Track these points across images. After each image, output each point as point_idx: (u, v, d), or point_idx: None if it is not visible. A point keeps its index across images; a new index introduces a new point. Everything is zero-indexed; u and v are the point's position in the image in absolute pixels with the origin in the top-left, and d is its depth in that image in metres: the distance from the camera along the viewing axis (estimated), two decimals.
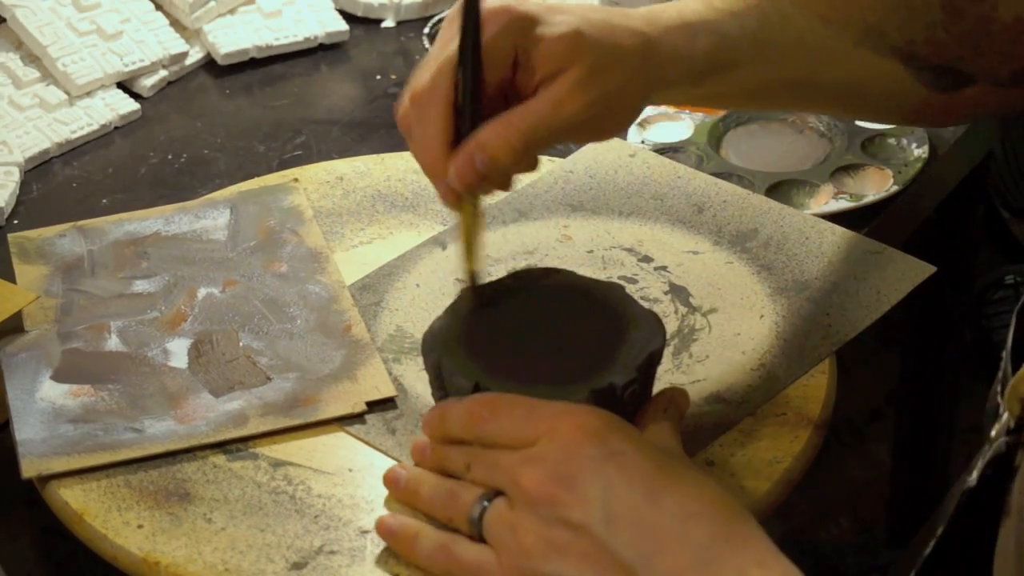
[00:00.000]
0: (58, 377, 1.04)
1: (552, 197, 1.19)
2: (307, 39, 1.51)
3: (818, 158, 1.31)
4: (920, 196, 1.31)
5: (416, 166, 1.20)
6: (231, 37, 1.50)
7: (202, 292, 1.11)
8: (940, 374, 1.66)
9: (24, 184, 1.33)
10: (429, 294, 1.11)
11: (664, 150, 1.29)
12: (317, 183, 1.23)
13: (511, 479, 0.86)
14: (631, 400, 0.92)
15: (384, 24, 1.56)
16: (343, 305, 1.09)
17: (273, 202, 1.20)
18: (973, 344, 1.37)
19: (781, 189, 1.26)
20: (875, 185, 1.27)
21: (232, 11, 1.53)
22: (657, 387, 1.01)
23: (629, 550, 0.83)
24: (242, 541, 0.92)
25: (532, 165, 0.95)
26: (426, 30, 1.38)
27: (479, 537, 0.87)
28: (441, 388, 0.95)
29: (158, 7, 1.50)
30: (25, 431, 0.99)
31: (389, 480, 0.93)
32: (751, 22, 1.00)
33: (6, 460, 0.98)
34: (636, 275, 1.12)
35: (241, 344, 1.06)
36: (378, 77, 1.48)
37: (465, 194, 0.93)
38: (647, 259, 1.13)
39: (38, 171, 1.35)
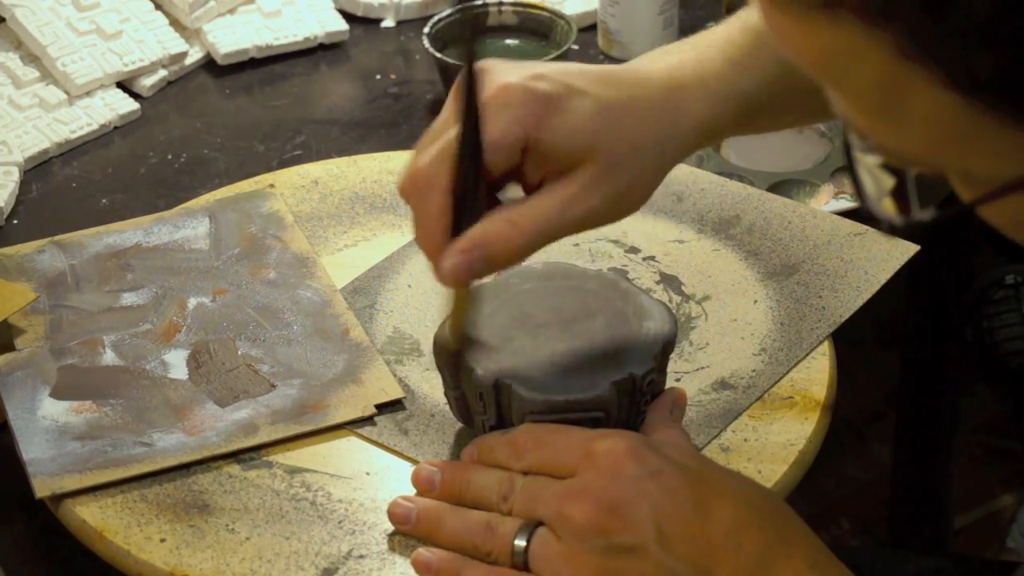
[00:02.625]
0: (57, 394, 1.03)
1: None
2: (307, 39, 1.51)
3: (818, 158, 1.32)
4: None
5: (391, 167, 1.21)
6: (231, 37, 1.49)
7: (192, 302, 1.10)
8: (940, 374, 1.67)
9: (23, 184, 1.32)
10: (422, 294, 1.10)
11: None
12: (292, 188, 1.22)
13: (556, 511, 0.86)
14: (649, 389, 0.93)
15: (384, 24, 1.55)
16: (337, 309, 1.09)
17: (252, 208, 1.19)
18: (973, 344, 1.38)
19: (781, 189, 1.27)
20: None
21: (232, 11, 1.52)
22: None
23: (686, 565, 0.83)
24: (269, 550, 0.91)
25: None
26: (426, 30, 1.37)
27: (523, 568, 0.87)
28: (457, 387, 0.95)
29: (158, 7, 1.49)
30: (32, 450, 0.98)
31: (396, 516, 0.91)
32: (770, 72, 0.93)
33: (6, 460, 0.97)
34: (625, 266, 1.12)
35: (240, 353, 1.06)
36: (378, 77, 1.47)
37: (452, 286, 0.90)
38: (634, 250, 1.14)
39: (38, 171, 1.35)
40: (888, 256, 1.11)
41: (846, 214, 1.17)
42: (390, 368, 1.04)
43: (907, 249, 1.12)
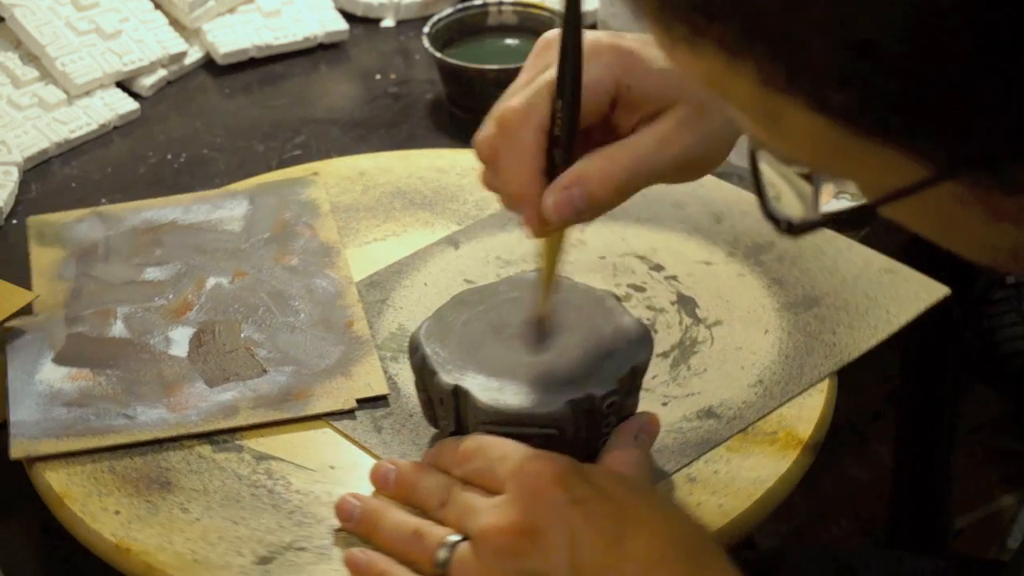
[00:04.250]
0: (60, 360, 1.05)
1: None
2: (307, 39, 1.51)
3: None
4: None
5: (440, 164, 1.21)
6: (230, 36, 1.49)
7: (211, 282, 1.12)
8: (940, 374, 1.65)
9: (23, 184, 1.32)
10: (436, 294, 1.10)
11: None
12: (338, 177, 1.23)
13: (478, 526, 0.85)
14: (611, 412, 0.91)
15: (384, 24, 1.56)
16: (348, 301, 1.09)
17: (291, 194, 1.20)
18: (973, 344, 1.35)
19: None
20: None
21: (231, 10, 1.52)
22: (650, 398, 1.00)
23: None
24: (214, 532, 0.92)
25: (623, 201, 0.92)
26: (426, 30, 1.37)
27: None
28: (424, 390, 0.95)
29: (157, 6, 1.49)
30: (19, 412, 1.00)
31: (342, 512, 0.92)
32: None
33: (6, 460, 0.99)
34: (645, 283, 1.10)
35: (243, 336, 1.06)
36: (378, 77, 1.47)
37: (555, 225, 0.90)
38: (658, 267, 1.12)
39: (37, 171, 1.34)
40: (915, 296, 1.08)
41: (851, 217, 1.14)
42: (384, 364, 1.04)
43: (936, 291, 1.08)
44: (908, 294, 1.08)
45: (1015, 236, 0.63)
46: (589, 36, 0.89)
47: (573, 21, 0.85)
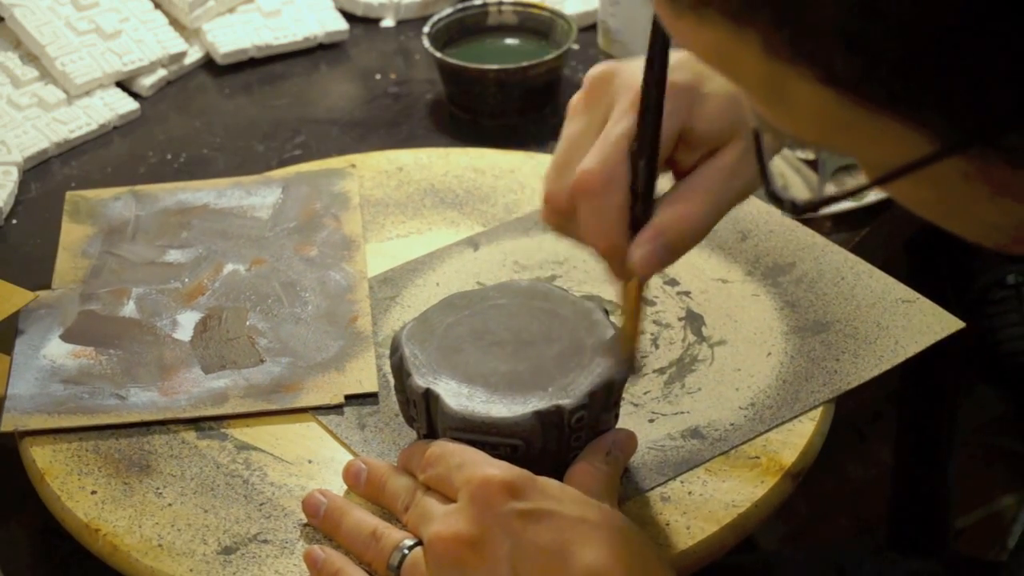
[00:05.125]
0: (67, 337, 1.07)
1: None
2: (306, 39, 1.51)
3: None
4: None
5: (479, 164, 1.21)
6: (230, 36, 1.49)
7: (228, 268, 1.13)
8: (940, 374, 1.63)
9: (23, 184, 1.32)
10: (446, 294, 1.09)
11: None
12: (375, 171, 1.23)
13: (429, 533, 0.85)
14: (581, 426, 0.91)
15: (384, 24, 1.55)
16: (357, 296, 1.10)
17: (325, 185, 1.21)
18: (973, 344, 1.33)
19: None
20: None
21: (231, 10, 1.53)
22: (639, 413, 0.99)
23: None
24: (183, 519, 0.93)
25: None
26: (426, 30, 1.37)
27: None
28: (401, 390, 0.95)
29: (157, 6, 1.50)
30: (18, 386, 1.02)
31: (308, 507, 0.92)
32: None
33: (6, 460, 1.01)
34: (656, 297, 1.09)
35: (248, 324, 1.07)
36: (378, 77, 1.47)
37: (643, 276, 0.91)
38: (673, 282, 1.11)
39: (37, 171, 1.34)
40: (927, 329, 1.05)
41: (846, 215, 1.16)
42: (380, 362, 1.04)
43: (950, 324, 1.06)
44: (920, 326, 1.05)
45: (1017, 214, 0.63)
46: (641, 79, 0.88)
47: (658, 77, 0.86)
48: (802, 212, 0.67)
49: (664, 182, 0.91)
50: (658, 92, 0.86)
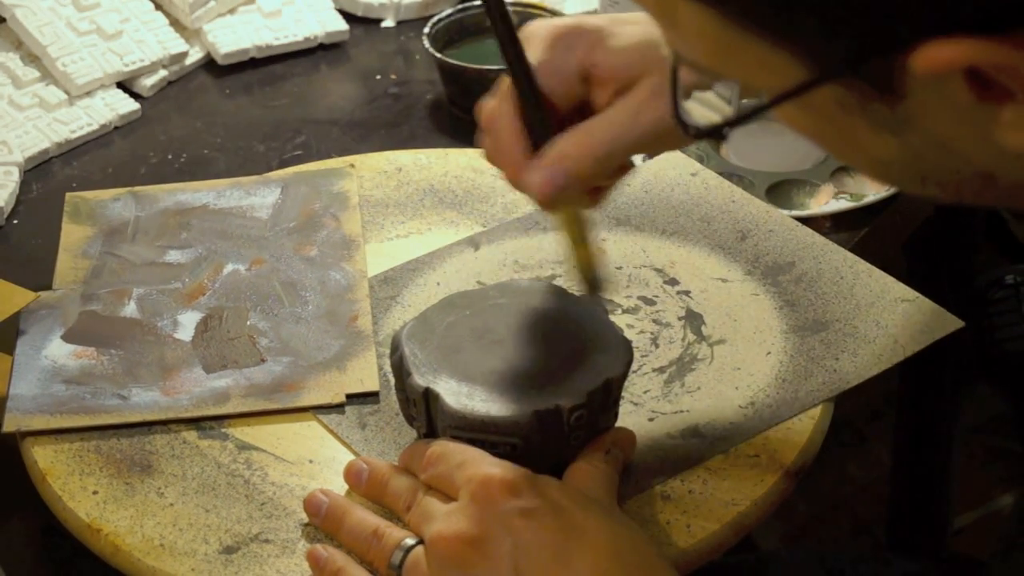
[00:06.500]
0: (68, 337, 1.07)
1: (600, 209, 1.18)
2: (307, 39, 1.51)
3: (818, 158, 1.28)
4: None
5: (480, 165, 1.21)
6: (231, 37, 1.50)
7: (228, 268, 1.13)
8: (940, 374, 1.63)
9: (24, 184, 1.32)
10: (447, 294, 1.09)
11: None
12: (375, 171, 1.23)
13: (431, 532, 0.85)
14: (579, 426, 0.91)
15: (384, 24, 1.56)
16: (357, 295, 1.10)
17: (324, 185, 1.21)
18: (973, 344, 1.33)
19: (781, 189, 1.24)
20: (875, 185, 1.24)
21: (232, 11, 1.53)
22: (639, 412, 0.99)
23: None
24: (184, 519, 0.93)
25: (615, 175, 0.95)
26: (426, 30, 1.37)
27: None
28: (401, 389, 0.95)
29: (158, 7, 1.50)
30: (19, 387, 1.02)
31: (310, 506, 0.92)
32: None
33: (6, 460, 1.01)
34: (656, 296, 1.09)
35: (248, 323, 1.08)
36: (378, 77, 1.47)
37: (545, 203, 0.93)
38: (673, 281, 1.11)
39: (38, 171, 1.35)
40: (927, 328, 1.05)
41: (846, 214, 1.17)
42: (380, 361, 1.04)
43: (949, 323, 1.06)
44: (920, 325, 1.06)
45: (897, 149, 0.64)
46: (549, 22, 0.92)
47: (498, 9, 0.89)
48: (705, 136, 0.70)
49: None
50: (505, 25, 0.89)
